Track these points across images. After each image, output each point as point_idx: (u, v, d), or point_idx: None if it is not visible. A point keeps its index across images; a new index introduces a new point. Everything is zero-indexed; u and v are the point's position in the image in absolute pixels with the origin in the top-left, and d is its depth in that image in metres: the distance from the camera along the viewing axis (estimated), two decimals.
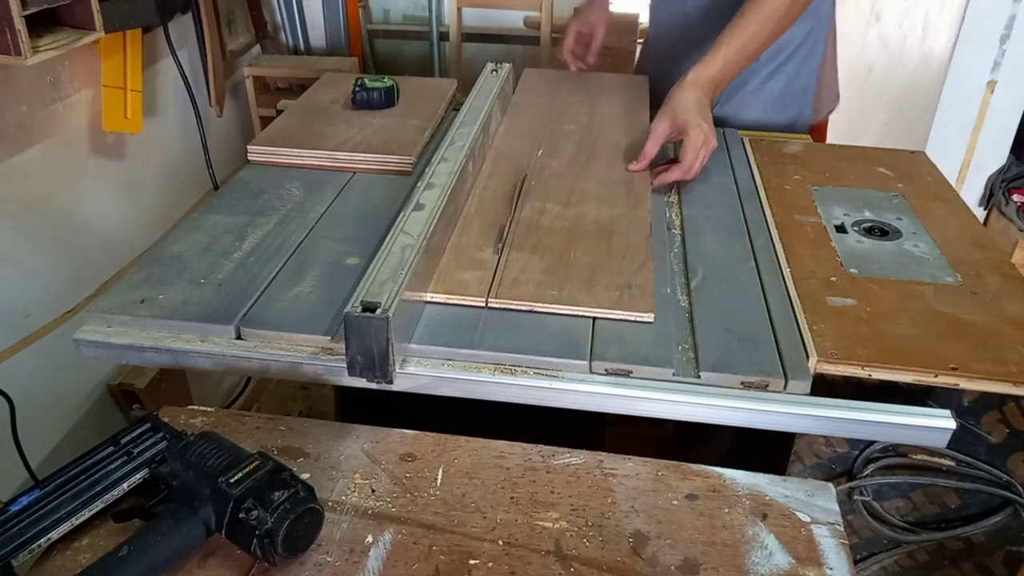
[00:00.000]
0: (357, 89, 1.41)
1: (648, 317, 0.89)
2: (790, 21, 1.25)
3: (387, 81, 1.44)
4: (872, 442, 0.90)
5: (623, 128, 1.40)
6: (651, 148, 1.23)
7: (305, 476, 0.78)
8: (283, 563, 0.69)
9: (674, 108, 1.20)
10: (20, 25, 1.33)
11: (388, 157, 1.24)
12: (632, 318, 0.89)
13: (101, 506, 0.73)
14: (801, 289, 0.96)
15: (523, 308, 0.91)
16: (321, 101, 1.46)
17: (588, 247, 1.02)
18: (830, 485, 0.81)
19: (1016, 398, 0.86)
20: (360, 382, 0.82)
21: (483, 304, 0.91)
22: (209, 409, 0.89)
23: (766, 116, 1.50)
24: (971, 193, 1.82)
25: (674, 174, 1.21)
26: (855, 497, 0.92)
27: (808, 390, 0.82)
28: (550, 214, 1.10)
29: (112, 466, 0.76)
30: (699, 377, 0.83)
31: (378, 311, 0.77)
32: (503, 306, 0.91)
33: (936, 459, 0.90)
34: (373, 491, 0.78)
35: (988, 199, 1.83)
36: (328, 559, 0.71)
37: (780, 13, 1.22)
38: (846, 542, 0.75)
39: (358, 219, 1.09)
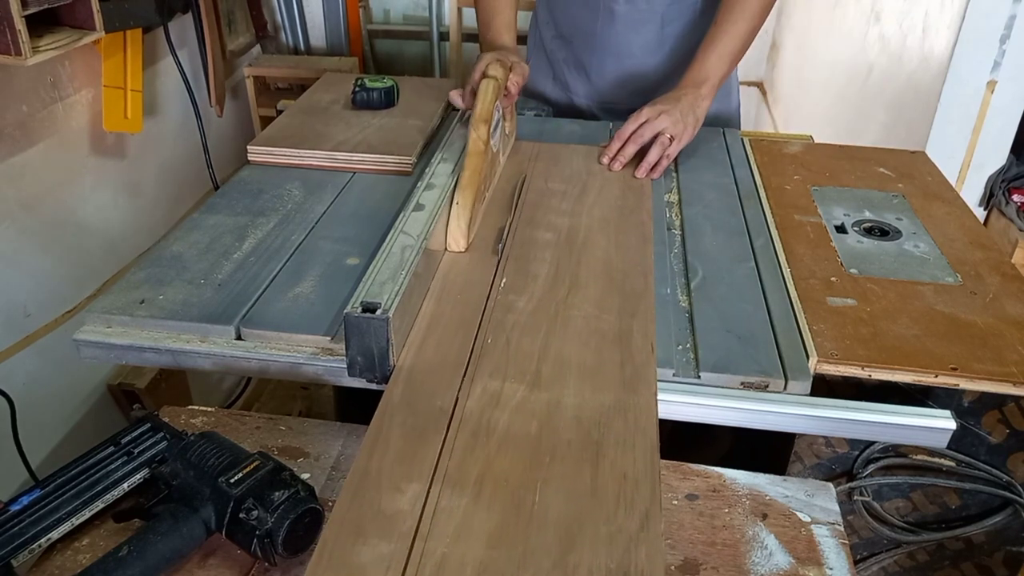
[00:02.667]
0: (357, 89, 1.41)
1: None
2: (763, 19, 1.31)
3: (387, 81, 1.44)
4: (872, 442, 0.90)
5: (617, 234, 1.05)
6: (620, 131, 1.23)
7: (305, 476, 0.78)
8: (283, 563, 0.68)
9: (660, 99, 1.24)
10: (20, 25, 1.33)
11: (388, 157, 1.24)
12: None
13: (101, 506, 0.73)
14: (801, 289, 0.96)
15: None
16: (321, 101, 1.46)
17: (564, 478, 0.67)
18: (830, 485, 0.82)
19: (1016, 398, 0.86)
20: (360, 382, 0.82)
21: None
22: (209, 409, 0.89)
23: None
24: (971, 193, 1.82)
25: (628, 149, 1.23)
26: (855, 497, 0.92)
27: (808, 390, 0.82)
28: (509, 404, 0.75)
29: (112, 466, 0.76)
30: (699, 377, 0.82)
31: (378, 311, 0.77)
32: None
33: (936, 459, 0.90)
34: None
35: (988, 199, 1.83)
36: None
37: (759, 11, 1.29)
38: (846, 542, 0.75)
39: (358, 219, 1.09)
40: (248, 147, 1.26)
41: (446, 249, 1.01)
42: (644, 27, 1.44)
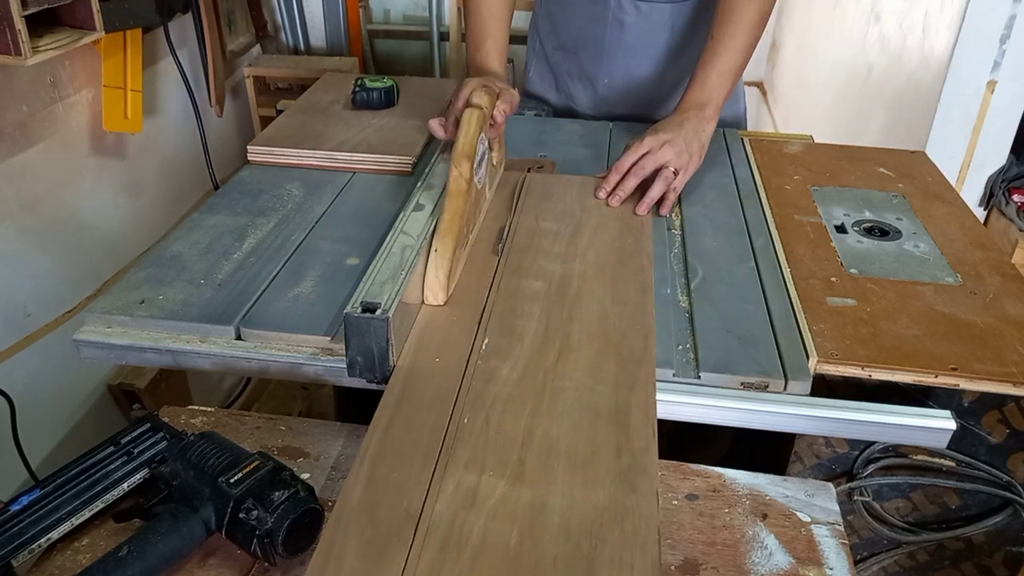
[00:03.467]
0: (357, 89, 1.42)
1: None
2: (763, 29, 1.24)
3: (387, 81, 1.44)
4: (872, 442, 0.90)
5: (614, 283, 0.94)
6: (619, 163, 1.13)
7: (305, 476, 0.78)
8: (283, 563, 0.68)
9: (661, 125, 1.16)
10: (20, 25, 1.33)
11: (388, 157, 1.24)
12: None
13: (101, 506, 0.73)
14: (801, 289, 0.96)
15: None
16: (321, 101, 1.46)
17: None
18: (830, 485, 0.81)
19: (1016, 398, 0.86)
20: (360, 382, 0.82)
21: None
22: (209, 409, 0.89)
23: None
24: (971, 193, 1.82)
25: (628, 183, 1.13)
26: (855, 497, 0.92)
27: (808, 391, 0.82)
28: (486, 505, 0.65)
29: (112, 466, 0.76)
30: (699, 378, 0.82)
31: (378, 311, 0.78)
32: None
33: (936, 459, 0.90)
34: None
35: (988, 199, 1.83)
36: None
37: (757, 22, 1.22)
38: (846, 542, 0.75)
39: (358, 219, 1.09)
40: (248, 147, 1.26)
41: (423, 302, 0.90)
42: (655, 37, 1.41)
